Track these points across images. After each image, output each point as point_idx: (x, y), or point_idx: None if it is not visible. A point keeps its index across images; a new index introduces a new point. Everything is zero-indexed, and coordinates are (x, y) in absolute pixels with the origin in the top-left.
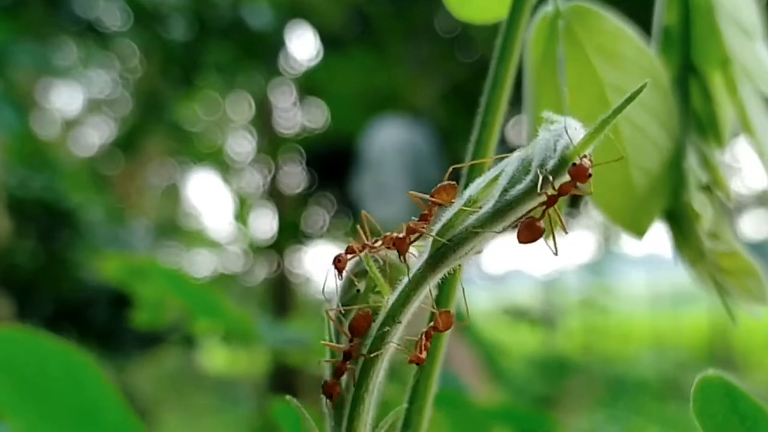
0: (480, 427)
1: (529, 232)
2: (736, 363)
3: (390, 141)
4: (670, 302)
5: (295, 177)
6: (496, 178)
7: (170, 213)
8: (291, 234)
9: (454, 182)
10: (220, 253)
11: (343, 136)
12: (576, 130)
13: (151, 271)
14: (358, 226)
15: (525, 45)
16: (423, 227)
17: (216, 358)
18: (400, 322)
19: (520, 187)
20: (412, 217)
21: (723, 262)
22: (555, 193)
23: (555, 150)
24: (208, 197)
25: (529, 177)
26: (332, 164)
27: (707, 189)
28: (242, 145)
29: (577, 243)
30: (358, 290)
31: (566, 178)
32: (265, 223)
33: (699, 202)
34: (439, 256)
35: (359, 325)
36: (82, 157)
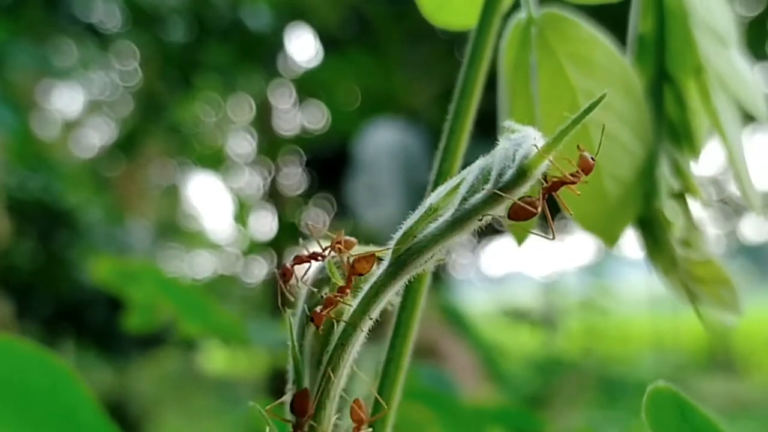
0: (471, 428)
1: (522, 212)
2: (735, 365)
3: (383, 144)
4: (670, 304)
5: (294, 178)
6: (456, 187)
7: (170, 214)
8: (290, 235)
9: (373, 253)
10: (219, 254)
11: (342, 137)
12: (535, 140)
13: (142, 275)
14: (308, 227)
15: (499, 52)
16: (340, 298)
17: (216, 359)
18: (361, 330)
19: (478, 196)
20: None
21: (696, 270)
22: (556, 180)
23: (514, 160)
24: (207, 198)
25: (488, 186)
26: (332, 166)
27: (679, 197)
28: (242, 146)
29: (576, 245)
30: (321, 296)
31: (527, 187)
32: (265, 225)
33: (671, 209)
34: (400, 263)
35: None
36: (83, 158)
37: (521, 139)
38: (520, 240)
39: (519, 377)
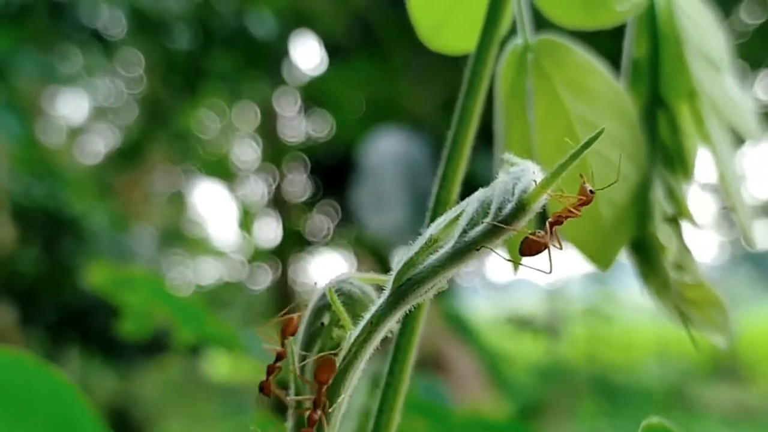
0: None
1: (534, 246)
2: (740, 372)
3: (388, 151)
4: None
5: (299, 185)
6: (456, 218)
7: (175, 221)
8: (295, 242)
9: (333, 360)
10: (224, 261)
11: (347, 144)
12: (534, 174)
13: (137, 281)
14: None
15: (496, 77)
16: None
17: (220, 365)
18: (362, 358)
19: (478, 229)
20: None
21: (688, 293)
22: (561, 214)
23: (513, 194)
24: (212, 205)
25: (488, 219)
26: (336, 173)
27: (673, 221)
28: (247, 153)
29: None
30: (322, 323)
31: (526, 221)
32: (270, 231)
33: (664, 233)
34: (400, 293)
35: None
36: (87, 165)
37: (520, 172)
38: (516, 268)
39: (523, 384)
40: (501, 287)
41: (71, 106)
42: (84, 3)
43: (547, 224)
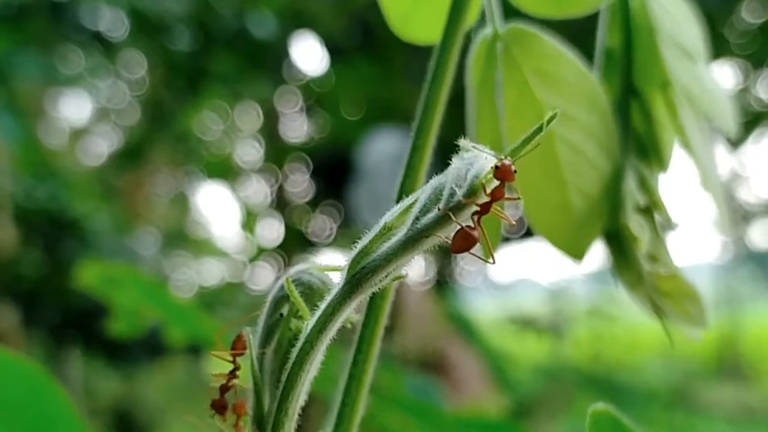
0: None
1: (463, 242)
2: (744, 372)
3: (385, 152)
4: None
5: (301, 186)
6: (411, 206)
7: (178, 222)
8: (298, 243)
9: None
10: (227, 261)
11: (349, 145)
12: (487, 160)
13: (127, 281)
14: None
15: (466, 68)
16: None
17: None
18: (319, 348)
19: (430, 215)
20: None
21: (662, 284)
22: (488, 199)
23: (465, 179)
24: (215, 206)
25: (440, 205)
26: (338, 173)
27: (646, 211)
28: (250, 153)
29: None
30: (281, 314)
31: (484, 198)
32: (272, 232)
33: (636, 224)
34: (354, 282)
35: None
36: (90, 167)
37: (473, 158)
38: (488, 258)
39: (526, 384)
40: (504, 287)
41: (73, 108)
42: (84, 4)
43: (475, 216)
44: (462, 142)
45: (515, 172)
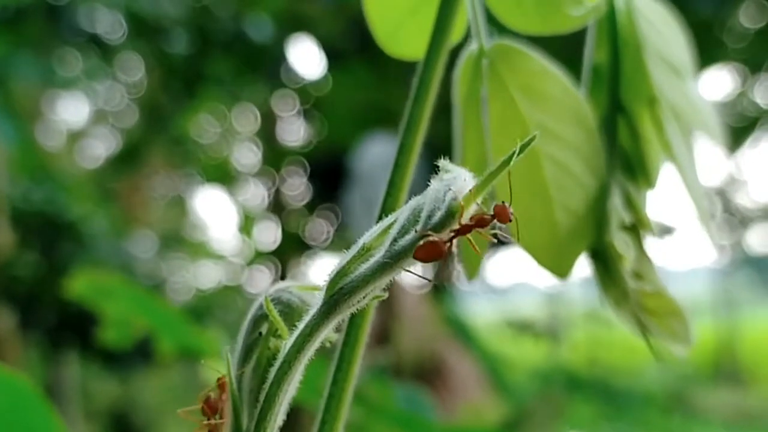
0: None
1: (425, 252)
2: (741, 376)
3: (379, 157)
4: None
5: (298, 189)
6: (389, 227)
7: (175, 225)
8: (295, 246)
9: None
10: (224, 264)
11: (346, 148)
12: (466, 181)
13: (117, 291)
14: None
15: (453, 84)
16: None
17: (220, 369)
18: (297, 368)
19: (408, 237)
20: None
21: (647, 302)
22: (470, 223)
23: (443, 201)
24: (212, 209)
25: (418, 227)
26: (335, 177)
27: (631, 229)
28: (247, 156)
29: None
30: (260, 333)
31: (456, 226)
32: (269, 235)
33: (621, 242)
34: (332, 303)
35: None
36: (87, 169)
37: (452, 180)
38: (471, 275)
39: (523, 388)
40: (501, 291)
41: (70, 110)
42: (81, 7)
43: (451, 232)
44: (441, 162)
45: (512, 214)
